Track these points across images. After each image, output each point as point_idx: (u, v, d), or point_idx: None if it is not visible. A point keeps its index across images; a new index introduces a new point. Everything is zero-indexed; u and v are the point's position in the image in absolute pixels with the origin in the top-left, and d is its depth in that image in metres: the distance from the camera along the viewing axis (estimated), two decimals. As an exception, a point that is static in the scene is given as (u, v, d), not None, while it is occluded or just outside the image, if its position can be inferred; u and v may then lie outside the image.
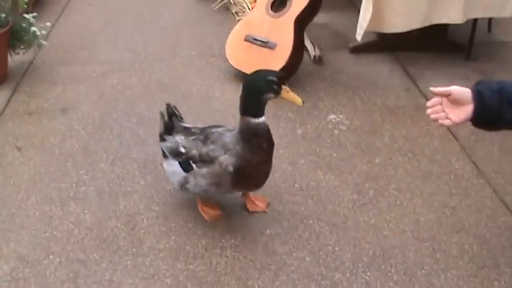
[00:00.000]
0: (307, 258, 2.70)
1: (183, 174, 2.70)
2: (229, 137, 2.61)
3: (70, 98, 3.83)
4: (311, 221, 2.90)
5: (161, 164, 3.06)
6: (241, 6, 4.85)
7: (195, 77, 4.02)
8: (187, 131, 2.77)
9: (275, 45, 3.78)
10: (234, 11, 4.91)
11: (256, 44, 3.84)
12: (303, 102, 2.55)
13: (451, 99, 2.25)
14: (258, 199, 2.95)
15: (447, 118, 2.27)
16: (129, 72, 4.07)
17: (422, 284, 2.60)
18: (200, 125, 2.85)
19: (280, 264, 2.67)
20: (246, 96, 2.53)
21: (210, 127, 2.77)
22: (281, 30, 3.79)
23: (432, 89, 2.27)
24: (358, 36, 3.89)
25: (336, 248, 2.76)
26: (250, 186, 2.75)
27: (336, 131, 3.53)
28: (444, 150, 3.43)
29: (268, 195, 3.00)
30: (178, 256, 2.69)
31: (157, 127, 2.91)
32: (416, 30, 4.01)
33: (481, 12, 4.00)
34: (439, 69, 4.22)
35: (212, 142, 2.63)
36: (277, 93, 2.49)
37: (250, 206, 2.94)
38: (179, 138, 2.74)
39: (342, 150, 3.38)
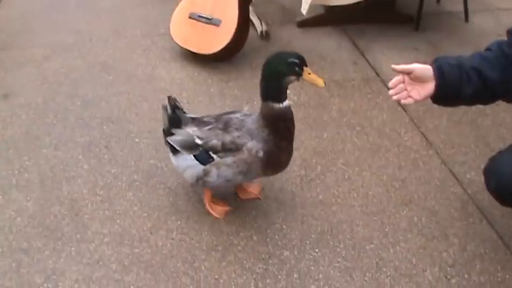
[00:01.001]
0: (254, 237, 2.66)
1: (201, 167, 2.53)
2: (252, 123, 2.46)
3: (12, 83, 3.72)
4: (257, 199, 2.84)
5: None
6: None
7: (140, 57, 3.94)
8: (199, 121, 2.59)
9: (220, 21, 3.71)
10: (180, -12, 4.79)
11: (201, 21, 3.77)
12: (325, 83, 2.38)
13: (412, 77, 2.20)
14: (250, 186, 2.87)
15: (409, 96, 2.22)
16: (72, 55, 3.97)
17: (371, 259, 2.57)
18: (209, 114, 2.70)
19: (226, 244, 2.62)
20: (266, 80, 2.38)
21: (226, 113, 2.61)
22: (225, 7, 3.72)
23: (394, 66, 2.21)
24: (304, 11, 3.83)
25: (284, 226, 2.72)
26: (279, 169, 2.58)
27: (283, 107, 3.47)
28: (393, 122, 3.40)
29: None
30: (123, 240, 2.63)
31: (102, 109, 2.82)
32: (364, 2, 3.96)
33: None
34: (388, 40, 4.18)
35: (236, 129, 2.47)
36: (299, 75, 2.34)
37: (242, 194, 2.86)
38: (191, 130, 2.56)
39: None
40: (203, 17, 3.76)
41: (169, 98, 2.64)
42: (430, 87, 2.19)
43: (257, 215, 2.77)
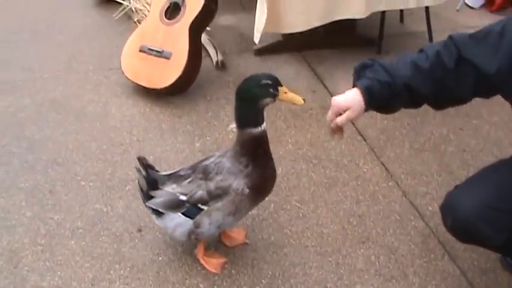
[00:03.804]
0: (201, 285, 2.52)
1: (191, 221, 2.39)
2: (229, 162, 2.35)
3: (-44, 124, 3.56)
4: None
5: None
6: (143, 14, 4.60)
7: (90, 94, 3.78)
8: (175, 177, 2.44)
9: (170, 54, 3.57)
10: (136, 19, 4.65)
11: (152, 54, 3.63)
12: (304, 100, 2.28)
13: None
14: (234, 231, 2.72)
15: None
16: (21, 93, 3.80)
17: (325, 304, 2.42)
18: (181, 167, 2.55)
19: (172, 294, 2.47)
20: (241, 107, 2.27)
21: (200, 162, 2.47)
22: (176, 39, 3.58)
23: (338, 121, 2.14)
24: (256, 40, 3.70)
25: (233, 271, 2.58)
26: (265, 196, 2.46)
27: (237, 141, 3.33)
28: (351, 153, 3.27)
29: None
30: (63, 294, 2.47)
31: (48, 150, 2.67)
32: (322, 27, 3.83)
33: (384, 5, 3.83)
34: (349, 66, 3.93)
35: (216, 174, 2.35)
36: (275, 96, 2.23)
37: (229, 242, 2.70)
38: (171, 188, 2.41)
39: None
40: (153, 49, 3.63)
41: (139, 158, 2.46)
42: (359, 107, 2.11)
43: (205, 260, 2.61)
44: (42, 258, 2.63)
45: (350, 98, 2.11)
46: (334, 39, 4.24)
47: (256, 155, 2.31)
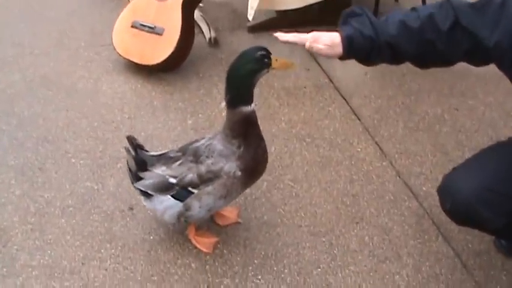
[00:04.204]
0: (193, 265, 2.49)
1: (181, 203, 2.35)
2: (220, 144, 2.31)
3: None
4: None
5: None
6: (135, -11, 4.51)
7: (82, 70, 3.72)
8: (165, 159, 2.39)
9: (163, 30, 3.51)
10: (128, -5, 4.57)
11: (144, 30, 3.57)
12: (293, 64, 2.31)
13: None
14: (226, 210, 2.67)
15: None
16: (11, 69, 3.73)
17: (318, 285, 2.44)
18: (172, 148, 2.51)
19: (163, 273, 2.46)
20: (235, 84, 2.23)
21: (190, 144, 2.42)
22: (168, 15, 3.52)
23: (277, 35, 2.19)
24: (250, 16, 3.66)
25: (225, 251, 2.55)
26: (257, 178, 2.43)
27: (230, 119, 3.28)
28: (345, 132, 3.23)
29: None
30: (53, 273, 2.45)
31: (39, 127, 2.78)
32: (317, 4, 3.78)
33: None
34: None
35: (207, 157, 2.31)
36: (268, 66, 2.22)
37: (221, 221, 2.66)
38: (161, 170, 2.36)
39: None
40: (146, 25, 3.56)
41: (128, 138, 2.41)
42: (336, 50, 2.10)
43: (197, 240, 2.57)
44: (32, 237, 2.59)
45: (331, 38, 2.10)
46: (328, 16, 4.14)
47: (247, 135, 2.28)
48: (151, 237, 2.60)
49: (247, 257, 2.53)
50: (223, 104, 3.21)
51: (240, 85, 2.23)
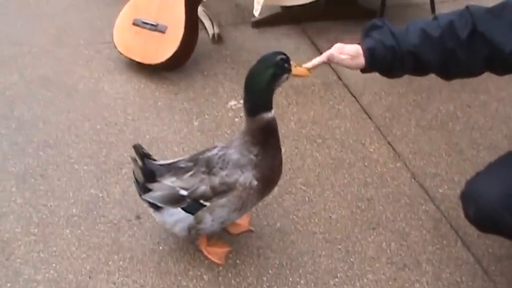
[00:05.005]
0: (205, 277, 2.40)
1: (191, 217, 2.24)
2: (236, 152, 2.21)
3: None
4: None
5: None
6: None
7: (82, 69, 3.60)
8: (175, 169, 2.27)
9: (166, 28, 3.40)
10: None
11: (146, 28, 3.46)
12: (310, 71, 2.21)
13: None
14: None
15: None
16: (9, 69, 3.61)
17: (335, 296, 2.31)
18: (182, 157, 2.39)
19: (174, 286, 2.37)
20: (256, 90, 2.13)
21: (201, 153, 2.32)
22: (171, 11, 3.41)
23: (307, 66, 2.18)
24: (256, 12, 3.55)
25: (238, 261, 2.46)
26: (272, 188, 2.35)
27: (237, 119, 3.19)
28: (357, 132, 3.14)
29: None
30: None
31: (39, 131, 2.71)
32: (323, -1, 3.69)
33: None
34: (350, 38, 3.78)
35: (221, 168, 2.20)
36: (289, 71, 2.15)
37: (233, 229, 2.55)
38: (170, 181, 2.24)
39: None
40: (148, 23, 3.45)
41: (135, 147, 2.27)
42: (359, 61, 2.11)
43: (208, 250, 2.48)
44: (36, 249, 2.49)
45: (355, 48, 2.10)
46: (334, 11, 4.09)
47: (267, 143, 2.19)
48: (161, 248, 2.50)
49: (261, 267, 2.43)
50: (230, 103, 3.16)
51: (261, 91, 2.13)
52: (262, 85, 2.12)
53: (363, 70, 2.13)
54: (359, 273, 2.42)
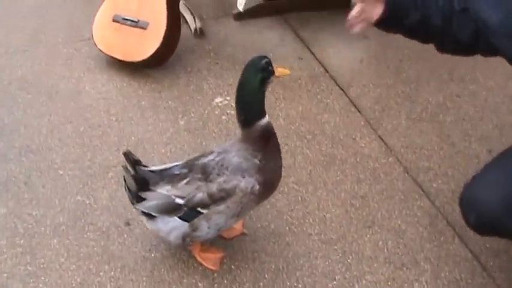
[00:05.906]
0: (200, 284, 2.35)
1: (186, 224, 2.18)
2: (237, 156, 2.16)
3: None
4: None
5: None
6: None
7: (61, 69, 3.49)
8: (169, 177, 2.19)
9: (147, 24, 3.31)
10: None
11: (126, 25, 3.36)
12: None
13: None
14: None
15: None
16: (-14, 71, 3.50)
17: (335, 299, 2.26)
18: (175, 163, 2.30)
19: (168, 295, 2.28)
20: (249, 99, 2.14)
21: (196, 159, 2.25)
22: (152, 7, 3.32)
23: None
24: (240, 6, 3.48)
25: (233, 267, 2.40)
26: (272, 193, 2.30)
27: (224, 117, 3.11)
28: (347, 126, 3.08)
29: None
30: (49, 301, 2.26)
31: (21, 136, 2.66)
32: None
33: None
34: (336, 29, 3.79)
35: (218, 174, 2.15)
36: (273, 73, 2.15)
37: (226, 234, 2.48)
38: (165, 190, 2.17)
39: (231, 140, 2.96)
40: (128, 19, 3.35)
41: (125, 154, 2.18)
42: (378, 10, 2.09)
43: (201, 256, 2.41)
44: (23, 262, 2.41)
45: None
46: (318, 1, 4.00)
47: (268, 148, 2.16)
48: (153, 255, 2.44)
49: (257, 272, 2.38)
50: (216, 100, 3.08)
51: (254, 99, 2.12)
52: (254, 92, 2.11)
53: (379, 20, 2.12)
54: (357, 275, 2.38)
